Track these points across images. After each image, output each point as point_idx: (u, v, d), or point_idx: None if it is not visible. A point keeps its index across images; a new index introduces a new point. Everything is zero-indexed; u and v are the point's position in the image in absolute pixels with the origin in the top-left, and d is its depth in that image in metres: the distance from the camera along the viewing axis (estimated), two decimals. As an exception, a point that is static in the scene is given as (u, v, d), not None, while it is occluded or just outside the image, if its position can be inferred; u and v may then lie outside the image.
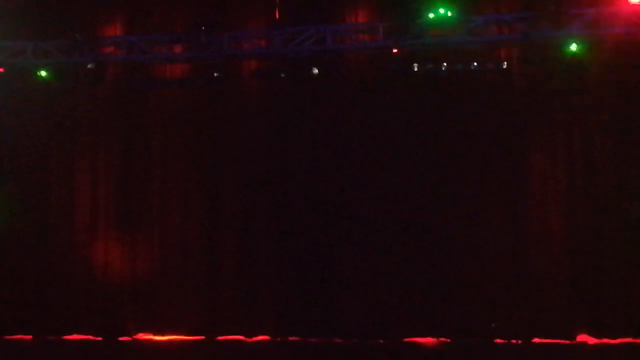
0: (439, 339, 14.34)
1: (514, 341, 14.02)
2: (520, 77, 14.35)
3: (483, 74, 14.27)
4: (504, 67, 14.20)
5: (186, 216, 15.52)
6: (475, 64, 14.05)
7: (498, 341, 14.05)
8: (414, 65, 14.25)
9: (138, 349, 14.81)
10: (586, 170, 14.22)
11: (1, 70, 15.25)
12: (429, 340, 14.32)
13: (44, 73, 15.14)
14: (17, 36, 15.09)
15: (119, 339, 15.17)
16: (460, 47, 14.12)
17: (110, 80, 15.42)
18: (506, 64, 14.21)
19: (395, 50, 14.22)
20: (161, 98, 15.63)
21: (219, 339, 14.96)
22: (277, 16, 15.03)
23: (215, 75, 14.81)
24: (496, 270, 14.33)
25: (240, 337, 14.93)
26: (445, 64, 14.16)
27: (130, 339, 15.19)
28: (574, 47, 13.58)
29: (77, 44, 14.87)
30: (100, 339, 15.22)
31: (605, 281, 13.94)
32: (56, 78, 15.16)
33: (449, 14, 13.78)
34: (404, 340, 14.35)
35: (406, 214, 14.60)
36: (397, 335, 14.38)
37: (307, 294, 14.70)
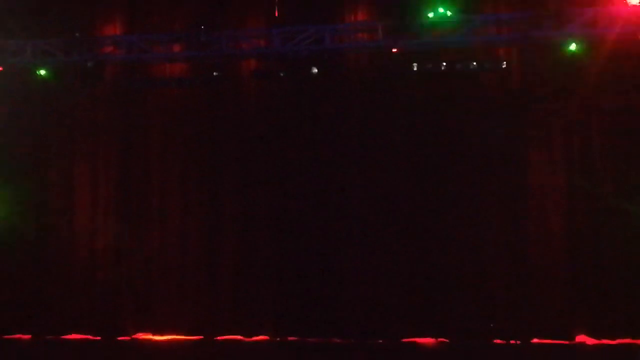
0: (438, 339, 14.34)
1: (513, 341, 14.02)
2: (520, 76, 14.33)
3: (482, 73, 14.24)
4: (503, 66, 14.17)
5: (185, 215, 15.52)
6: (475, 63, 14.00)
7: (497, 341, 14.05)
8: (413, 65, 14.20)
9: (137, 349, 14.81)
10: (586, 170, 14.19)
11: (0, 69, 15.25)
12: (428, 341, 14.32)
13: (43, 72, 15.12)
14: (16, 35, 15.07)
15: (118, 338, 15.19)
16: (460, 46, 14.10)
17: (109, 79, 15.40)
18: (505, 63, 14.17)
19: (394, 50, 14.16)
20: (160, 97, 15.63)
21: (218, 338, 14.97)
22: (277, 16, 15.05)
23: (214, 74, 14.81)
24: (495, 270, 14.33)
25: (239, 337, 14.95)
26: (445, 64, 14.10)
27: (129, 338, 15.21)
28: (573, 47, 13.56)
29: (76, 43, 14.87)
30: (99, 338, 15.24)
31: (605, 281, 13.93)
32: (55, 77, 15.15)
33: (449, 13, 13.78)
34: (403, 340, 14.35)
35: (406, 213, 14.60)
36: (396, 335, 14.38)
37: (306, 294, 14.71)
